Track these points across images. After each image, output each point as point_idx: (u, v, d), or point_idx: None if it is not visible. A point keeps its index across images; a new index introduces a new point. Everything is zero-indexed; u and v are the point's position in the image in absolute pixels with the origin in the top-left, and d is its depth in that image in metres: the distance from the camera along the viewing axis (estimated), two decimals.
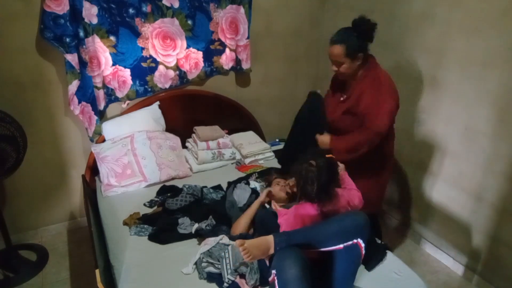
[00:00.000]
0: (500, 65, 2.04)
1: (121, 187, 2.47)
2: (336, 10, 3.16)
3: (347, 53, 1.94)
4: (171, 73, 2.80)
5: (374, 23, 1.91)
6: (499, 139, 2.12)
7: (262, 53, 3.15)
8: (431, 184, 2.58)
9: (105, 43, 2.51)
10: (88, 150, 2.71)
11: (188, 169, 2.70)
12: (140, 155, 2.54)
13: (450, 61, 2.29)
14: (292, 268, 1.45)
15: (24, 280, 2.39)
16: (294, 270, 1.44)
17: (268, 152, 2.94)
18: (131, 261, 1.87)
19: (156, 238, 2.01)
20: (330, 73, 3.47)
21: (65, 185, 2.77)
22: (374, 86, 1.95)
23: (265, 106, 3.37)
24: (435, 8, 2.32)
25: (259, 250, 1.52)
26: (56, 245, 2.72)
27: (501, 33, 2.01)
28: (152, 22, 2.60)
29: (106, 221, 2.24)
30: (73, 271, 2.48)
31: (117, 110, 2.80)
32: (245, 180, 2.44)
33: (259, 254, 1.52)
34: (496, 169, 2.17)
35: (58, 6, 2.21)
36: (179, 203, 2.23)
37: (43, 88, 2.47)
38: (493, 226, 2.25)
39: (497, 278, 2.28)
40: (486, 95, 2.14)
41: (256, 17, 2.96)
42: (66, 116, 2.61)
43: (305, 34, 3.28)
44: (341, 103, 2.12)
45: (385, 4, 2.67)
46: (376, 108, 1.92)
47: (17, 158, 2.26)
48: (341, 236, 1.54)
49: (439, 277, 2.48)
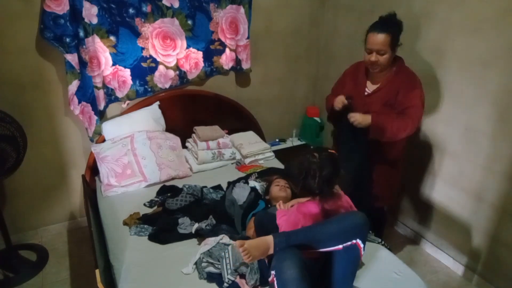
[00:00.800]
0: (500, 65, 2.04)
1: (121, 187, 2.47)
2: (336, 10, 3.17)
3: (391, 43, 1.98)
4: (171, 73, 2.81)
5: (400, 21, 2.02)
6: (499, 139, 2.13)
7: (262, 53, 3.16)
8: (431, 184, 2.58)
9: (105, 43, 2.51)
10: (88, 150, 2.71)
11: (188, 169, 2.70)
12: (140, 155, 2.54)
13: (450, 61, 2.29)
14: (291, 268, 1.45)
15: (24, 280, 2.39)
16: (293, 271, 1.44)
17: (268, 152, 2.94)
18: (131, 261, 1.86)
19: (156, 238, 2.01)
20: (330, 72, 3.48)
21: (65, 185, 2.77)
22: (411, 81, 2.06)
23: (265, 106, 3.37)
24: (435, 8, 2.32)
25: (259, 251, 1.52)
26: (56, 245, 2.72)
27: (501, 33, 2.01)
28: (152, 22, 2.60)
29: (106, 221, 2.24)
30: (73, 271, 2.48)
31: (117, 110, 2.80)
32: (244, 180, 2.44)
33: (259, 254, 1.52)
34: (496, 169, 2.17)
35: (58, 6, 2.21)
36: (179, 203, 2.23)
37: (43, 88, 2.47)
38: (493, 226, 2.25)
39: (497, 278, 2.28)
40: (486, 95, 2.14)
41: (256, 17, 2.96)
42: (66, 116, 2.61)
43: (305, 34, 3.28)
44: (372, 94, 2.15)
45: (385, 4, 2.66)
46: (416, 102, 2.03)
47: (17, 158, 2.26)
48: (340, 236, 1.53)
49: (439, 277, 2.48)
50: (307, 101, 3.57)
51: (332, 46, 3.28)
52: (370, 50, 2.04)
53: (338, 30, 3.18)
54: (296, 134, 3.62)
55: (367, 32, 2.04)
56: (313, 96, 3.59)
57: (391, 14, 2.03)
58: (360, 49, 2.98)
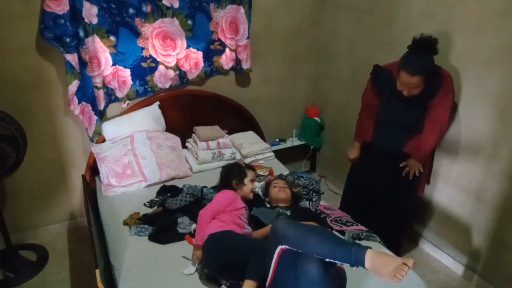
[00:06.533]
0: (500, 65, 2.04)
1: (121, 187, 2.47)
2: (336, 10, 3.17)
3: (424, 80, 1.98)
4: (171, 73, 2.80)
5: (436, 38, 1.95)
6: (499, 139, 2.12)
7: (262, 53, 3.16)
8: (431, 184, 2.57)
9: (105, 43, 2.50)
10: (88, 150, 2.71)
11: (188, 169, 2.70)
12: (140, 155, 2.54)
13: (450, 61, 2.29)
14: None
15: (24, 280, 2.39)
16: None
17: (268, 152, 2.94)
18: (131, 261, 1.86)
19: (156, 238, 2.00)
20: (330, 72, 3.48)
21: (65, 185, 2.77)
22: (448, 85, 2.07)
23: (265, 106, 3.37)
24: (435, 8, 2.32)
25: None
26: (56, 245, 2.72)
27: (501, 33, 2.01)
28: (152, 22, 2.60)
29: (106, 221, 2.24)
30: (73, 271, 2.48)
31: (117, 110, 2.80)
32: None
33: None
34: (496, 169, 2.17)
35: (58, 6, 2.21)
36: (179, 203, 2.23)
37: (43, 88, 2.47)
38: (493, 226, 2.25)
39: (497, 278, 2.28)
40: (486, 95, 2.14)
41: (256, 17, 2.96)
42: (66, 116, 2.61)
43: (305, 34, 3.28)
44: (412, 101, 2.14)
45: (385, 4, 2.67)
46: (448, 107, 2.09)
47: (17, 158, 2.26)
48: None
49: (439, 277, 2.48)
50: (307, 101, 3.57)
51: (332, 46, 3.28)
52: (403, 86, 2.03)
53: (338, 30, 3.18)
54: (296, 134, 3.62)
55: (399, 67, 2.01)
56: (313, 96, 3.59)
57: (425, 37, 1.95)
58: (360, 49, 3.00)
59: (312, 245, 1.42)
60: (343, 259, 1.38)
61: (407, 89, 2.02)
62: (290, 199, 2.20)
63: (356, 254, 1.36)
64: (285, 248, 1.46)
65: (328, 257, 1.40)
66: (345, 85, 3.20)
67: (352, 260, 1.36)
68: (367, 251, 1.36)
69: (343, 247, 1.39)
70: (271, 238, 1.54)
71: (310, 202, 2.33)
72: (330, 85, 3.43)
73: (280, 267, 1.47)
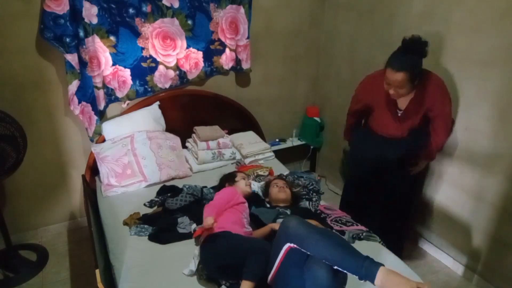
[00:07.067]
0: (500, 65, 2.04)
1: (121, 187, 2.47)
2: (336, 10, 3.16)
3: (410, 79, 1.96)
4: (171, 73, 2.80)
5: (426, 41, 1.95)
6: (499, 139, 2.12)
7: (262, 53, 3.16)
8: (431, 184, 2.57)
9: (105, 43, 2.51)
10: (88, 150, 2.71)
11: (188, 169, 2.70)
12: (140, 155, 2.54)
13: (450, 61, 2.29)
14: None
15: (24, 280, 2.39)
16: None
17: (268, 152, 2.94)
18: (131, 261, 1.86)
19: (156, 238, 2.00)
20: (330, 72, 3.47)
21: (65, 185, 2.77)
22: (441, 91, 2.09)
23: (265, 106, 3.37)
24: (435, 8, 2.32)
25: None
26: (56, 245, 2.72)
27: (501, 33, 2.01)
28: (152, 22, 2.60)
29: (106, 221, 2.24)
30: (73, 271, 2.48)
31: (117, 110, 2.80)
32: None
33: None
34: (496, 169, 2.17)
35: (58, 6, 2.21)
36: (179, 203, 2.23)
37: (43, 88, 2.47)
38: (493, 226, 2.25)
39: (497, 278, 2.28)
40: (486, 95, 2.14)
41: (256, 17, 2.96)
42: (66, 116, 2.61)
43: (305, 34, 3.28)
44: (406, 113, 2.18)
45: (385, 4, 2.67)
46: (447, 110, 2.13)
47: (17, 158, 2.26)
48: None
49: (439, 277, 2.48)
50: (307, 101, 3.57)
51: (332, 46, 3.28)
52: (388, 84, 2.03)
53: (338, 30, 3.18)
54: (296, 134, 3.62)
55: (385, 66, 2.01)
56: (313, 96, 3.59)
57: (414, 38, 1.96)
58: (360, 49, 3.00)
59: (322, 250, 1.40)
60: (352, 270, 1.36)
61: (393, 88, 2.01)
62: (290, 199, 2.21)
63: (369, 268, 1.33)
64: (293, 246, 1.45)
65: (337, 265, 1.38)
66: (345, 85, 3.20)
67: (362, 273, 1.34)
68: (380, 267, 1.33)
69: (355, 258, 1.37)
70: (280, 233, 1.53)
71: (310, 202, 2.33)
72: (330, 85, 3.43)
73: (285, 264, 1.47)
